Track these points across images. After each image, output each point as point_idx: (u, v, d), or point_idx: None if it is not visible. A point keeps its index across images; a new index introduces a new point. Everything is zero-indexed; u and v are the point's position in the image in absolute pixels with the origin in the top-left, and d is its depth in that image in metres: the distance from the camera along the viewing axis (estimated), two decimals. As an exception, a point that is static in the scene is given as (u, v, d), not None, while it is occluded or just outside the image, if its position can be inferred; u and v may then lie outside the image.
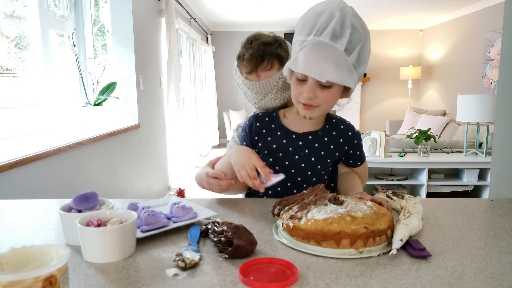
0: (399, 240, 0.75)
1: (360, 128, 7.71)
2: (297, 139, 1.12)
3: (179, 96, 4.11)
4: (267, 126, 1.14)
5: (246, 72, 1.15)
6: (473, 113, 3.29)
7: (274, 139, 1.13)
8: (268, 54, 1.12)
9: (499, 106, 1.26)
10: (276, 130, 1.13)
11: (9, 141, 2.07)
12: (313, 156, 1.12)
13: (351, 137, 1.15)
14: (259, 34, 1.16)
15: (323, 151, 1.12)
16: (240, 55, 1.16)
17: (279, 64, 1.13)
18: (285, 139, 1.12)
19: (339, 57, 0.93)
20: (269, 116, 1.16)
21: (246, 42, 1.16)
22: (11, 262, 0.53)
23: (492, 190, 1.29)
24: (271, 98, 1.15)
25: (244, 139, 1.17)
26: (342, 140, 1.14)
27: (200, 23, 6.09)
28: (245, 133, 1.17)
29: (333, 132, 1.14)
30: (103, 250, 0.71)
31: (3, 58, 2.46)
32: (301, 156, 1.11)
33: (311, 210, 0.81)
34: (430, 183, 3.35)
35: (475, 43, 5.55)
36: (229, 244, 0.72)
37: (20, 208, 1.08)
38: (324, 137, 1.12)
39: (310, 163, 1.12)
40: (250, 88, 1.16)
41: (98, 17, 3.25)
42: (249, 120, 1.17)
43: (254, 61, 1.12)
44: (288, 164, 1.12)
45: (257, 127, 1.14)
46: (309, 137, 1.12)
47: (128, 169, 3.01)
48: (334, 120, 1.16)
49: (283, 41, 1.17)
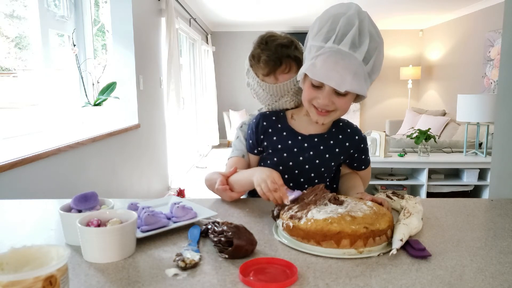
0: (399, 240, 0.75)
1: (360, 128, 7.70)
2: (303, 141, 1.11)
3: (179, 96, 4.11)
4: (274, 125, 1.14)
5: (263, 74, 1.13)
6: (473, 113, 3.29)
7: (279, 139, 1.12)
8: (285, 57, 1.10)
9: (499, 106, 1.26)
10: (282, 130, 1.13)
11: (9, 141, 2.07)
12: (317, 158, 1.12)
13: (357, 141, 1.15)
14: (274, 34, 1.14)
15: (328, 153, 1.12)
16: (255, 55, 1.13)
17: (296, 67, 1.12)
18: (290, 140, 1.12)
19: (358, 67, 0.93)
20: (276, 115, 1.15)
21: (260, 42, 1.13)
22: (11, 262, 0.53)
23: (492, 190, 1.29)
24: (286, 100, 1.15)
25: (250, 137, 1.17)
26: (348, 143, 1.14)
27: (200, 23, 6.09)
28: (251, 131, 1.16)
29: (340, 135, 1.13)
30: (103, 250, 0.71)
31: (3, 58, 2.46)
32: (305, 157, 1.11)
33: (311, 210, 0.81)
34: (430, 183, 3.35)
35: (475, 43, 5.55)
36: (229, 244, 0.72)
37: (20, 208, 1.08)
38: (330, 140, 1.12)
39: (314, 165, 1.12)
40: (266, 90, 1.14)
41: (98, 17, 3.25)
42: (256, 118, 1.16)
43: (272, 63, 1.10)
44: (292, 164, 1.12)
45: (264, 126, 1.14)
46: (314, 139, 1.11)
47: (128, 169, 3.01)
48: (341, 123, 1.16)
49: (298, 42, 1.17)
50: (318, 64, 0.94)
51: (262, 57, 1.10)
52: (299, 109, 1.16)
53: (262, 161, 1.18)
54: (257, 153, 1.18)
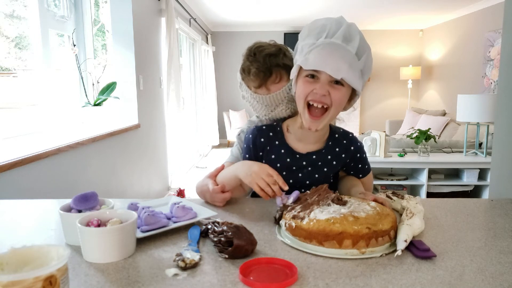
0: (404, 241, 0.75)
1: (360, 128, 7.71)
2: (301, 159, 1.11)
3: (179, 96, 4.11)
4: (271, 142, 1.12)
5: (254, 87, 1.13)
6: (473, 113, 3.29)
7: (277, 157, 1.12)
8: (275, 66, 1.09)
9: (499, 106, 1.26)
10: (279, 147, 1.12)
11: (9, 141, 2.07)
12: (316, 173, 1.12)
13: (353, 151, 1.15)
14: (261, 44, 1.13)
15: (326, 167, 1.13)
16: (245, 68, 1.12)
17: (287, 75, 1.11)
18: (289, 158, 1.11)
19: (352, 59, 0.95)
20: (273, 130, 1.13)
21: (249, 54, 1.12)
22: (11, 262, 0.53)
23: (492, 190, 1.29)
24: (281, 109, 1.14)
25: (247, 153, 1.15)
26: (344, 155, 1.15)
27: (200, 23, 6.09)
28: (248, 148, 1.15)
29: (336, 148, 1.13)
30: (103, 250, 0.71)
31: (3, 58, 2.46)
32: (304, 173, 1.12)
33: (314, 210, 0.81)
34: (430, 183, 3.35)
35: (475, 43, 5.54)
36: (229, 244, 0.72)
37: (20, 208, 1.08)
38: (327, 155, 1.12)
39: (313, 179, 1.12)
40: (259, 102, 1.14)
41: (98, 17, 3.25)
42: (252, 133, 1.14)
43: (261, 75, 1.09)
44: (292, 182, 1.11)
45: (261, 143, 1.13)
46: (313, 156, 1.11)
47: (128, 169, 3.01)
48: (337, 135, 1.15)
49: (287, 49, 1.15)
50: (311, 57, 0.95)
51: (252, 70, 1.10)
52: (294, 119, 1.14)
53: None
54: None
